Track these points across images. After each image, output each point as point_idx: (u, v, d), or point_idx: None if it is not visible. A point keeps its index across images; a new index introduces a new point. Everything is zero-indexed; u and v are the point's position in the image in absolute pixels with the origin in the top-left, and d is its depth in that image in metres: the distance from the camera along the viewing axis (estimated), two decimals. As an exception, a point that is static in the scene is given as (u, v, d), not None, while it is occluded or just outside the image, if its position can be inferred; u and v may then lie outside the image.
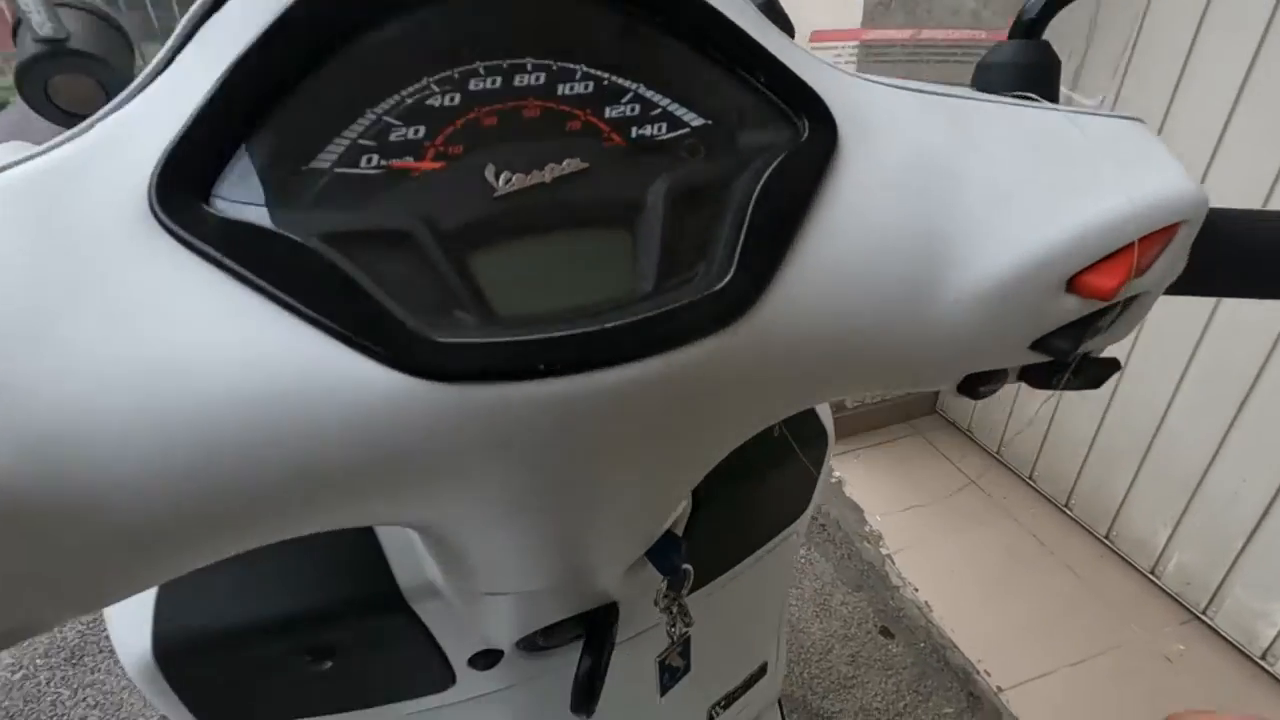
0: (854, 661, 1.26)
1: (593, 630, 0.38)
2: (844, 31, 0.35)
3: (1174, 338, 1.25)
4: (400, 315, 0.18)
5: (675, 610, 0.36)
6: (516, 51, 0.21)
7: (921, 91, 0.25)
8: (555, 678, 0.42)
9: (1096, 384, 0.28)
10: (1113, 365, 0.27)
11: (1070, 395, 1.45)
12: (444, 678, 0.40)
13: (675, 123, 0.22)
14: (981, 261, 0.23)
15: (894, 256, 0.23)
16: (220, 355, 0.17)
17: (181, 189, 0.18)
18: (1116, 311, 0.26)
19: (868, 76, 0.25)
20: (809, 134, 0.22)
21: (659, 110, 0.22)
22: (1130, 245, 0.23)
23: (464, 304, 0.19)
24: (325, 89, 0.20)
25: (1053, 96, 0.28)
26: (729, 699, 0.59)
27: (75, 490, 0.16)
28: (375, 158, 0.20)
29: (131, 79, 0.25)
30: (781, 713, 0.75)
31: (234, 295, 0.17)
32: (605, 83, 0.22)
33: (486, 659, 0.40)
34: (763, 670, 0.62)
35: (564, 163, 0.21)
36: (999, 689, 1.19)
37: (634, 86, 0.22)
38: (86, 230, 0.17)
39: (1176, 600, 1.32)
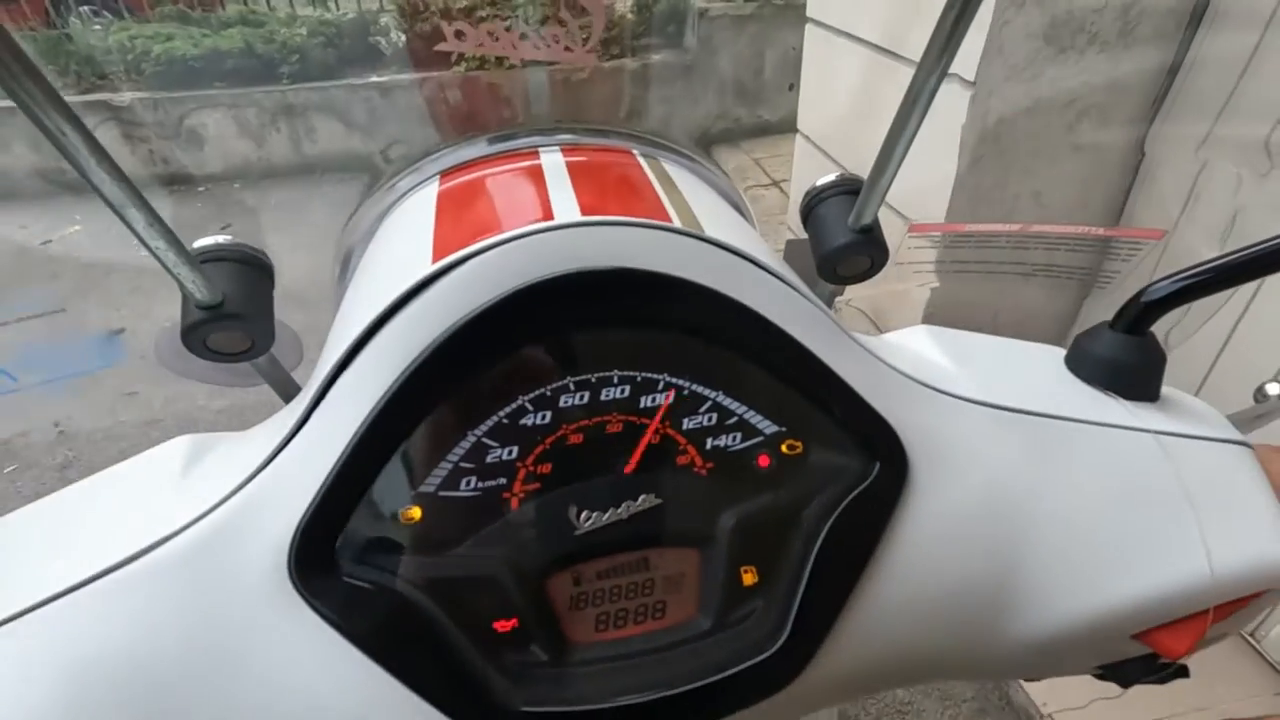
0: (913, 688, 1.27)
1: None
2: (943, 225, 0.34)
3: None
4: (488, 681, 0.20)
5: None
6: (604, 365, 0.22)
7: (1001, 408, 0.24)
8: None
9: (1163, 682, 0.27)
10: (1182, 671, 0.26)
11: (1222, 382, 1.34)
12: None
13: (749, 431, 0.23)
14: (1043, 612, 0.23)
15: (954, 603, 0.23)
16: (342, 718, 0.20)
17: (315, 558, 0.20)
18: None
19: (944, 389, 0.24)
20: (880, 471, 0.22)
21: (735, 419, 0.23)
22: (1206, 611, 0.22)
23: (543, 642, 0.21)
24: (435, 426, 0.22)
25: (1152, 395, 0.26)
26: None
27: None
28: (473, 480, 0.22)
29: (271, 319, 0.28)
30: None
31: (355, 660, 0.20)
32: (685, 392, 0.23)
33: None
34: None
35: (639, 499, 0.22)
36: (1062, 736, 1.17)
37: (713, 395, 0.23)
38: (237, 600, 0.20)
39: (1275, 669, 1.24)
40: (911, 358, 0.26)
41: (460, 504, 0.21)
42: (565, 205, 0.24)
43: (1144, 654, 0.24)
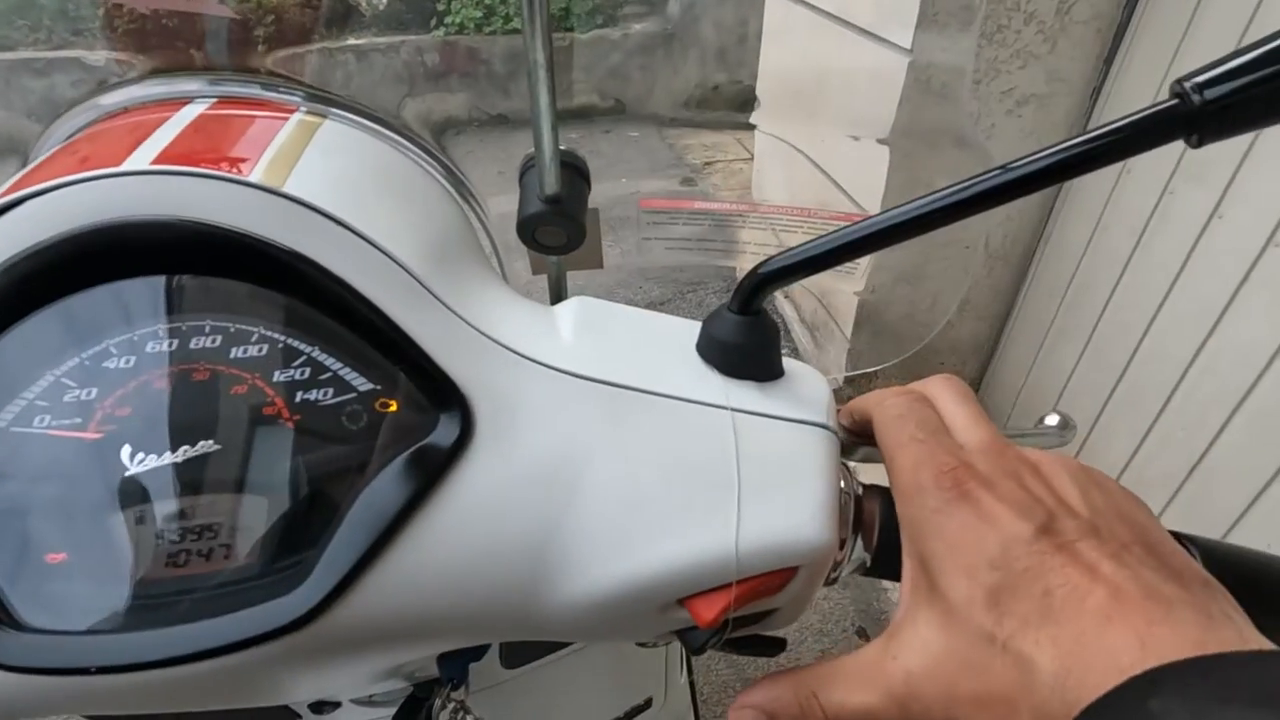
0: (823, 658, 1.29)
1: (409, 702, 0.43)
2: (670, 200, 0.34)
3: (1231, 365, 1.13)
4: (29, 610, 0.21)
5: (459, 711, 0.40)
6: (195, 314, 0.23)
7: (585, 378, 0.25)
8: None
9: (764, 655, 0.28)
10: (777, 644, 0.27)
11: (1117, 416, 1.36)
12: (288, 717, 0.46)
13: (343, 387, 0.24)
14: (587, 575, 0.24)
15: (503, 563, 0.23)
16: None
17: None
18: (755, 618, 0.26)
19: (533, 356, 0.25)
20: (440, 428, 0.23)
21: (329, 375, 0.24)
22: (730, 583, 0.23)
23: (96, 576, 0.22)
24: (9, 365, 0.23)
25: (767, 373, 0.26)
26: (607, 727, 0.64)
27: None
28: (46, 418, 0.23)
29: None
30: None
31: None
32: (280, 345, 0.23)
33: (326, 706, 0.45)
34: (648, 703, 0.66)
35: (197, 445, 0.23)
36: (962, 707, 1.20)
37: (309, 350, 0.24)
38: None
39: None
40: (532, 327, 0.27)
41: (30, 440, 0.22)
42: (144, 155, 0.25)
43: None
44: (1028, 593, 0.19)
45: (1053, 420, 0.32)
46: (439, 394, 0.24)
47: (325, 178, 0.26)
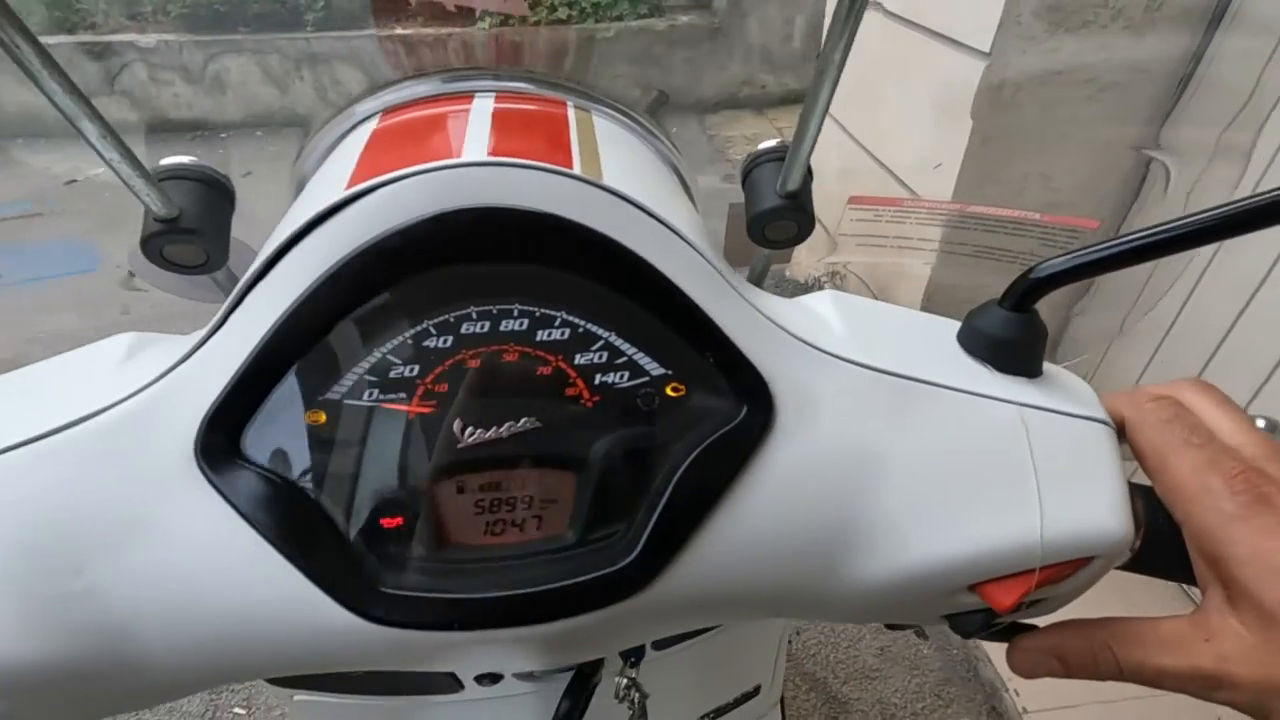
0: (882, 654, 1.30)
1: (577, 677, 0.44)
2: (880, 199, 0.35)
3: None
4: (370, 569, 0.23)
5: (630, 688, 0.41)
6: (506, 298, 0.24)
7: (873, 369, 0.26)
8: (550, 691, 0.49)
9: (1002, 640, 0.29)
10: (1028, 630, 0.28)
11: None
12: (453, 686, 0.47)
13: (637, 370, 0.25)
14: (885, 558, 0.25)
15: (802, 541, 0.25)
16: (231, 588, 0.23)
17: (220, 446, 0.23)
18: (1029, 605, 0.27)
19: (821, 347, 0.26)
20: (746, 414, 0.24)
21: (624, 359, 0.25)
22: (1033, 570, 0.24)
23: (423, 539, 0.24)
24: (342, 342, 0.24)
25: (1032, 370, 0.27)
26: (716, 712, 0.65)
27: (125, 657, 0.23)
28: (375, 391, 0.24)
29: (227, 236, 0.30)
30: (783, 713, 0.81)
31: (248, 538, 0.23)
32: (580, 330, 0.25)
33: (490, 678, 0.47)
34: (756, 690, 0.67)
35: (520, 421, 0.24)
36: (1024, 710, 1.20)
37: (606, 335, 0.25)
38: (150, 474, 0.23)
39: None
40: (804, 318, 0.28)
41: (361, 411, 0.24)
42: (475, 147, 0.26)
43: (983, 607, 0.26)
44: None
45: (1260, 424, 0.32)
46: (737, 380, 0.25)
47: (624, 170, 0.27)
